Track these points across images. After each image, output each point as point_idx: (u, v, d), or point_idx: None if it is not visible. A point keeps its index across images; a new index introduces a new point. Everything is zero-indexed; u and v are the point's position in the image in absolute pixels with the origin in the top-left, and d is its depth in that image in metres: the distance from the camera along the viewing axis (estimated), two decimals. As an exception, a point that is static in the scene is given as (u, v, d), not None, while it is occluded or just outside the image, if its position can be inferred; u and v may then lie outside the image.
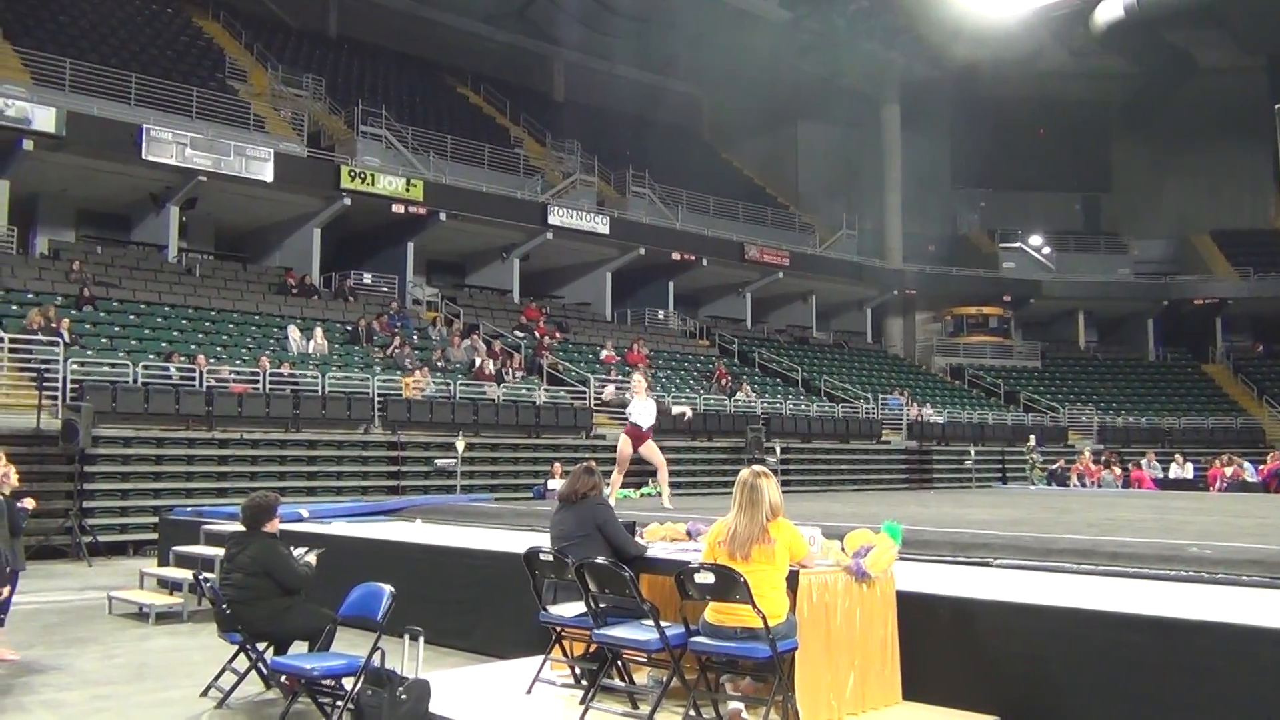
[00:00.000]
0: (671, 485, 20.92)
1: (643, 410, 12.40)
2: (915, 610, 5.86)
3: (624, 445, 12.47)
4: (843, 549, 5.82)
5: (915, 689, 5.75)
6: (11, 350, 17.81)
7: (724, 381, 28.96)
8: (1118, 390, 40.24)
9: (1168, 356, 43.81)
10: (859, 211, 41.49)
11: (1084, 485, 24.21)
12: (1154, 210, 45.86)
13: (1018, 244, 44.01)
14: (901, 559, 6.15)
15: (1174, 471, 25.49)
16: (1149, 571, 6.68)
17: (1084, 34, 40.23)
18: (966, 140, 44.93)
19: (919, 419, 31.00)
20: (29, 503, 8.97)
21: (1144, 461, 25.75)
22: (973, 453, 29.28)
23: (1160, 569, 6.70)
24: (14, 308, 19.49)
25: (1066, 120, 45.00)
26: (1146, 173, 45.94)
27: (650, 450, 12.61)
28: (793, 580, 5.48)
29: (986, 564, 7.35)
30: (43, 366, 16.98)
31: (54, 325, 18.47)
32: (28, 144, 21.59)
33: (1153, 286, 43.33)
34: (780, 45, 38.91)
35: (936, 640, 5.80)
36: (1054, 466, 26.13)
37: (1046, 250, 44.30)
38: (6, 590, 7.08)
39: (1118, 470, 24.95)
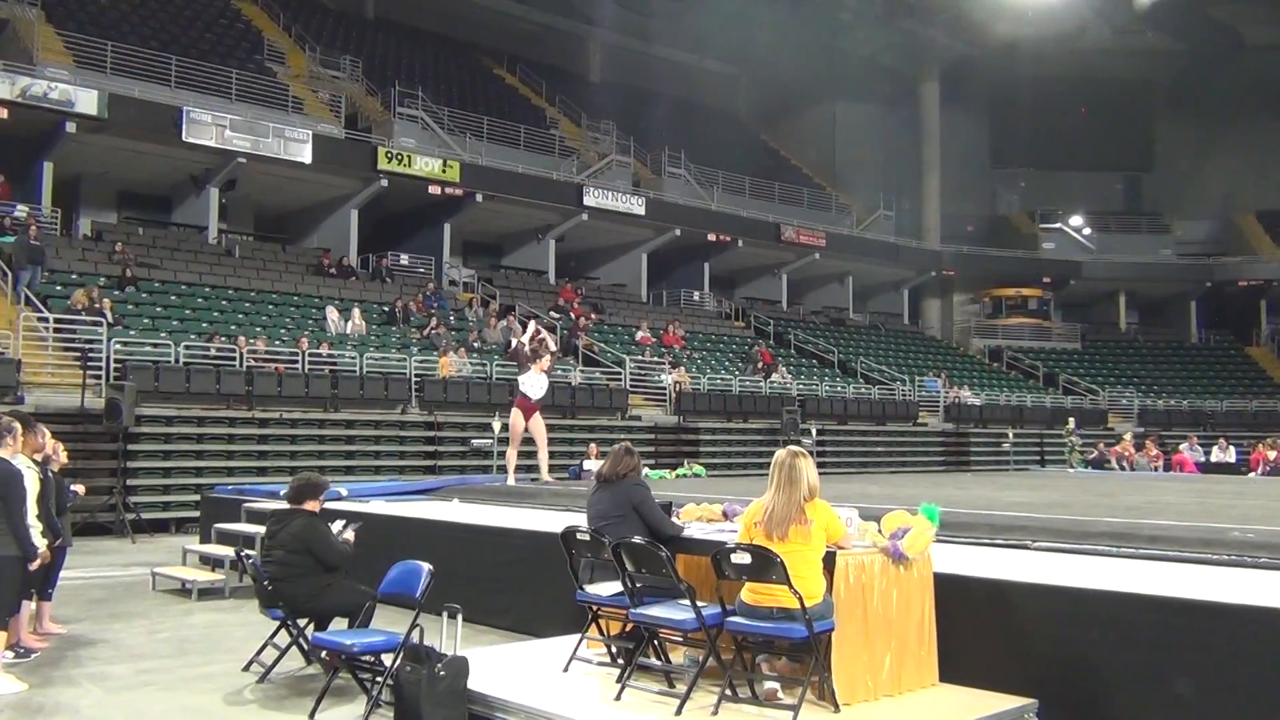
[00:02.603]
0: (708, 465, 21.09)
1: (534, 383, 12.45)
2: (952, 592, 5.85)
3: (516, 419, 12.54)
4: (879, 530, 5.81)
5: (952, 671, 5.75)
6: (57, 330, 18.10)
7: (759, 365, 28.86)
8: (1159, 373, 39.75)
9: (1210, 339, 43.14)
10: (897, 192, 41.15)
11: (1123, 469, 23.96)
12: (1198, 190, 45.07)
13: (1058, 224, 43.48)
14: (938, 541, 6.13)
15: (1216, 455, 25.15)
16: (1190, 555, 6.62)
17: (1127, 11, 39.53)
18: (1007, 119, 44.36)
19: (956, 401, 30.79)
20: (79, 488, 9.17)
21: (1185, 445, 25.42)
22: (1011, 435, 29.03)
23: (1202, 553, 6.63)
24: (58, 288, 19.78)
25: (1109, 99, 44.27)
26: (1190, 152, 45.10)
27: (536, 424, 12.68)
28: (829, 561, 5.48)
29: (1024, 546, 7.31)
30: (87, 346, 17.23)
31: (97, 306, 18.73)
32: (71, 126, 21.85)
33: (1196, 267, 42.65)
34: (818, 24, 38.57)
35: (973, 622, 5.78)
36: (1092, 451, 25.85)
37: (1087, 231, 43.75)
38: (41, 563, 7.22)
39: (1154, 452, 24.65)
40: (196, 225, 25.52)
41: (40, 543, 7.11)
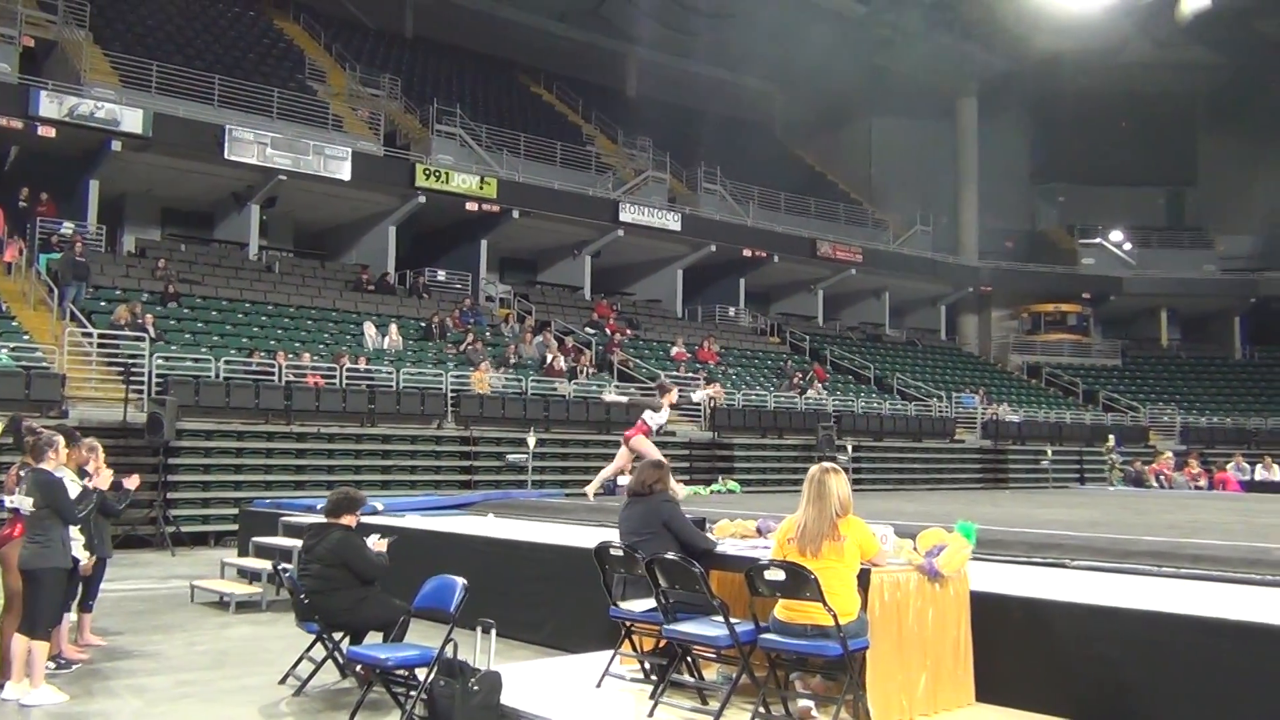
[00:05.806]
0: (742, 481, 21.04)
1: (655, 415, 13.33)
2: (989, 611, 5.79)
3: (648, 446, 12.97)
4: (915, 548, 5.77)
5: (988, 691, 5.69)
6: (100, 345, 18.36)
7: (795, 380, 28.74)
8: (1202, 390, 39.18)
9: (1255, 355, 42.51)
10: (934, 207, 40.90)
11: (1161, 486, 23.64)
12: (1241, 204, 44.37)
13: (1098, 239, 43.06)
14: (975, 559, 6.08)
15: (1260, 474, 24.73)
16: (1233, 575, 6.51)
17: (1169, 24, 39.09)
18: (1046, 134, 44.07)
19: (994, 418, 30.50)
20: (135, 481, 8.74)
21: (1230, 464, 25.00)
22: (1049, 453, 28.70)
23: (1245, 573, 6.52)
24: (102, 304, 20.09)
25: (1150, 113, 43.80)
26: (1234, 166, 44.46)
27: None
28: (864, 579, 5.45)
29: (1062, 565, 7.22)
30: (129, 361, 17.49)
31: (140, 321, 19.00)
32: (116, 145, 22.23)
33: (1240, 283, 42.08)
34: (855, 39, 38.48)
35: (1010, 642, 5.72)
36: (1130, 467, 25.49)
37: (1128, 246, 43.26)
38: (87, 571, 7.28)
39: (1194, 470, 24.23)
40: (238, 242, 25.85)
41: (82, 555, 7.20)
